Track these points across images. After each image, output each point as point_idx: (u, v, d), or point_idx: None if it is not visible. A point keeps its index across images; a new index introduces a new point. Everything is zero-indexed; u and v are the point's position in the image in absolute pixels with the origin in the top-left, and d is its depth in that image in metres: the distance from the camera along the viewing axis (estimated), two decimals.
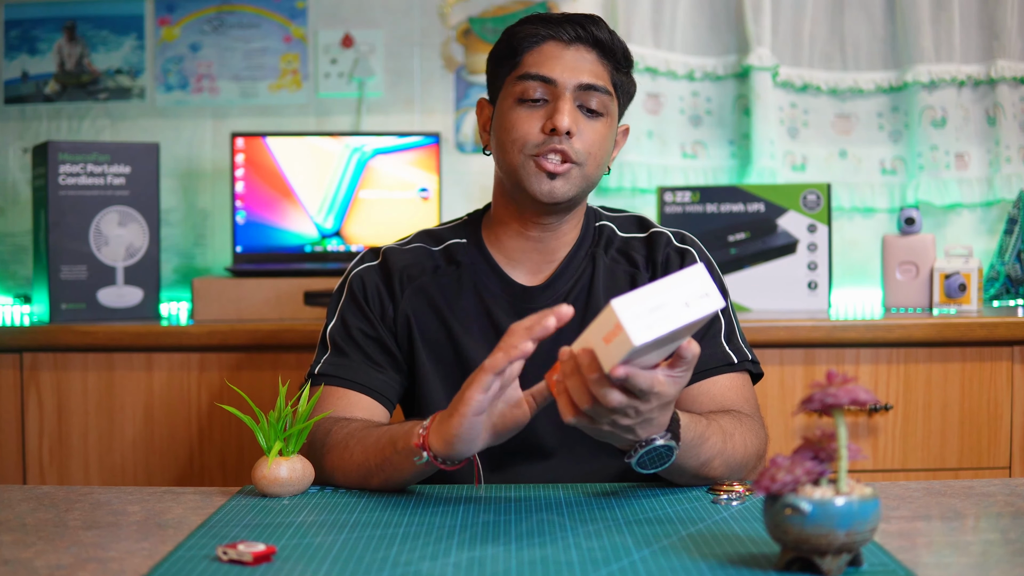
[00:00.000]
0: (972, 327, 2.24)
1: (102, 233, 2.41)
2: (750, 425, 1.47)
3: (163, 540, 1.18)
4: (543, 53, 1.53)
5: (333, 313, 1.62)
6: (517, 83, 1.53)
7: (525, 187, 1.52)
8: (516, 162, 1.52)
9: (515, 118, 1.52)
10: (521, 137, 1.51)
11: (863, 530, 1.00)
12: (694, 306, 1.10)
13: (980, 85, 2.79)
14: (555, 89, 1.51)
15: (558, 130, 1.48)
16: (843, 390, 1.00)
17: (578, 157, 1.50)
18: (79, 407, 2.29)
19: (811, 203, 2.51)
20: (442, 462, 1.29)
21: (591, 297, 1.58)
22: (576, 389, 1.18)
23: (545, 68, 1.52)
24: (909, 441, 2.27)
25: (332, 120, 2.87)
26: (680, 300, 1.10)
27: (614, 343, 1.10)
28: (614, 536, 1.18)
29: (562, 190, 1.51)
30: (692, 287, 1.11)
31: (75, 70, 2.87)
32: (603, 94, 1.52)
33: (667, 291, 1.10)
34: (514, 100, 1.53)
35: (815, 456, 1.02)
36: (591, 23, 1.54)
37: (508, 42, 1.57)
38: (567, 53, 1.52)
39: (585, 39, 1.53)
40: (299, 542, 1.16)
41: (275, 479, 1.36)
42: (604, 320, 1.11)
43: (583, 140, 1.51)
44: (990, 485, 1.40)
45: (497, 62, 1.59)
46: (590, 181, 1.54)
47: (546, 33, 1.53)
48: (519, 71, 1.53)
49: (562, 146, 1.49)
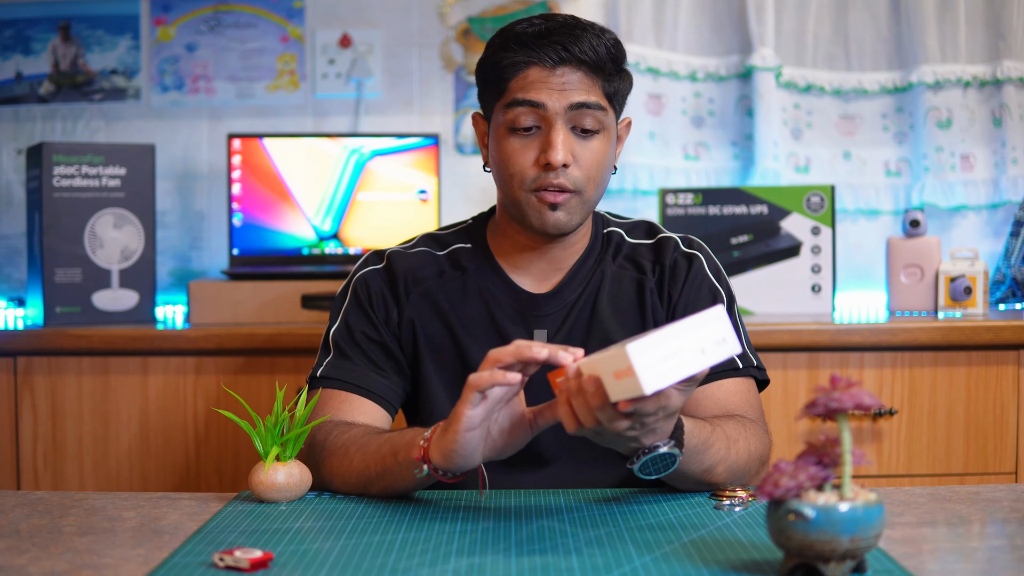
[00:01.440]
0: (978, 331, 2.24)
1: (97, 235, 2.41)
2: (754, 430, 1.47)
3: (159, 546, 1.18)
4: (528, 79, 1.49)
5: (336, 316, 1.62)
6: (507, 111, 1.50)
7: (529, 220, 1.52)
8: (517, 197, 1.51)
9: (509, 151, 1.51)
10: (519, 173, 1.50)
11: (867, 536, 1.00)
12: (710, 353, 1.09)
13: (986, 86, 2.80)
14: (545, 114, 1.48)
15: (552, 164, 1.47)
16: (847, 394, 1.00)
17: (577, 185, 1.49)
18: (74, 412, 2.29)
19: (815, 205, 2.51)
20: (443, 475, 1.29)
21: (597, 305, 1.58)
22: (581, 408, 1.18)
23: (532, 93, 1.48)
24: (914, 446, 2.27)
25: (330, 121, 2.87)
26: (696, 346, 1.09)
27: (624, 383, 1.09)
28: (615, 542, 1.18)
29: (565, 220, 1.51)
30: (710, 332, 1.09)
31: (70, 70, 2.87)
32: (596, 110, 1.50)
33: (684, 335, 1.08)
34: (506, 129, 1.51)
35: (819, 461, 1.02)
36: (572, 42, 1.48)
37: (493, 64, 1.53)
38: (552, 77, 1.48)
39: (568, 60, 1.48)
40: (296, 548, 1.16)
41: (272, 484, 1.36)
42: (616, 356, 1.10)
43: (580, 167, 1.50)
44: (996, 491, 1.40)
45: (483, 84, 1.56)
46: (593, 202, 1.54)
47: (528, 59, 1.49)
48: (506, 99, 1.51)
49: (559, 180, 1.48)
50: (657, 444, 1.25)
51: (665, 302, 1.59)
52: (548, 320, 1.57)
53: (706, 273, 1.61)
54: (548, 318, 1.57)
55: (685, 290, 1.59)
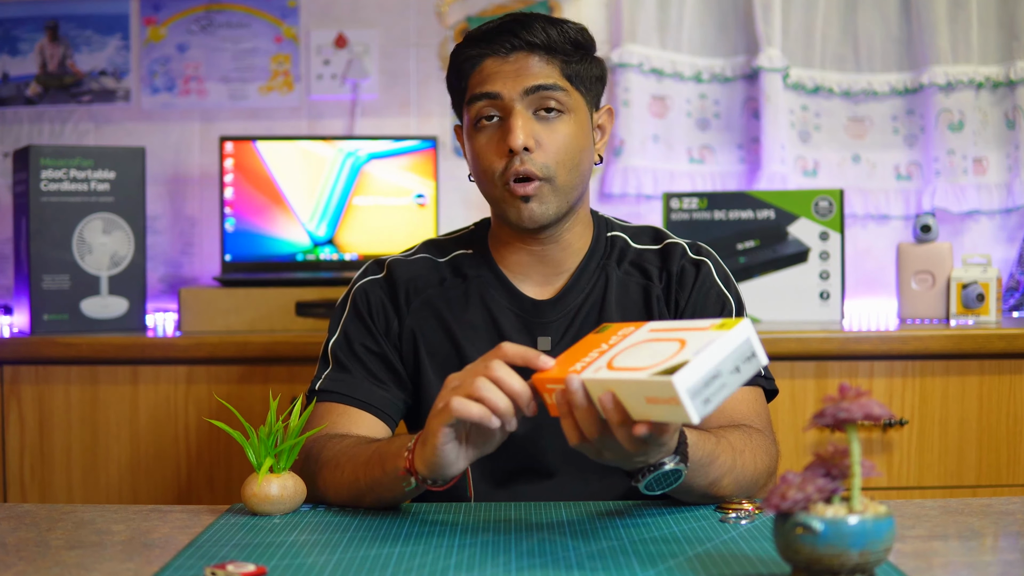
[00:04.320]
0: (991, 339, 2.25)
1: (86, 241, 2.41)
2: (760, 441, 1.47)
3: (149, 560, 1.18)
4: (484, 72, 1.53)
5: (336, 327, 1.63)
6: (469, 108, 1.55)
7: (507, 217, 1.54)
8: (493, 194, 1.55)
9: (477, 147, 1.54)
10: (488, 168, 1.53)
11: (877, 550, 1.00)
12: (744, 371, 1.10)
13: (999, 87, 2.80)
14: (503, 103, 1.51)
15: (514, 149, 1.49)
16: (856, 404, 1.00)
17: (544, 172, 1.51)
18: (62, 422, 2.29)
19: (823, 210, 2.51)
20: (431, 483, 1.30)
21: (603, 312, 1.59)
22: (585, 420, 1.18)
23: (487, 84, 1.52)
24: (925, 457, 2.27)
25: (325, 123, 2.87)
26: (731, 366, 1.09)
27: (662, 408, 1.09)
28: (618, 556, 1.18)
29: (539, 211, 1.52)
30: (742, 350, 1.10)
31: (58, 71, 2.87)
32: (556, 91, 1.52)
33: (719, 356, 1.08)
34: (471, 125, 1.55)
35: (827, 473, 1.02)
36: (523, 29, 1.52)
37: (453, 68, 1.58)
38: (506, 65, 1.52)
39: (520, 46, 1.52)
40: (290, 563, 1.16)
41: (266, 497, 1.36)
42: (652, 384, 1.09)
43: (544, 151, 1.51)
44: (1010, 503, 1.40)
45: (452, 90, 1.61)
46: (568, 189, 1.54)
47: (482, 52, 1.54)
48: (467, 96, 1.55)
49: (524, 166, 1.50)
50: (663, 461, 1.25)
51: (672, 309, 1.60)
52: (552, 327, 1.58)
53: (714, 280, 1.61)
54: (552, 325, 1.58)
55: (693, 297, 1.59)
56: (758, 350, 1.11)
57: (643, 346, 1.16)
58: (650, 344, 1.16)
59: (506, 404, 1.20)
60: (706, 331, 1.12)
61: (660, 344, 1.14)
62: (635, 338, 1.20)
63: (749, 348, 1.11)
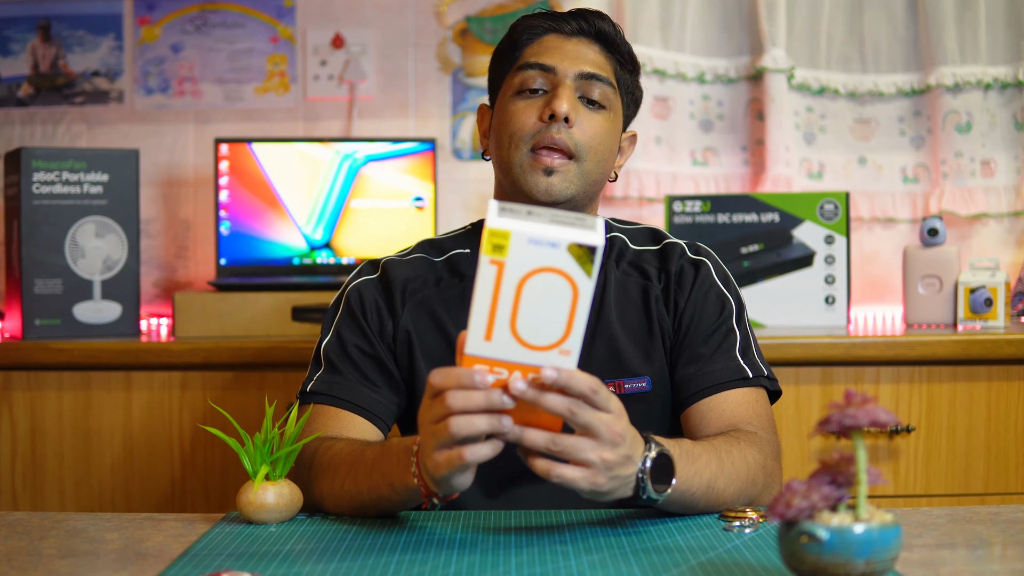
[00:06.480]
0: (999, 344, 2.25)
1: (78, 245, 2.42)
2: (749, 439, 1.45)
3: (142, 570, 1.18)
4: (543, 44, 1.59)
5: (328, 328, 1.62)
6: (516, 74, 1.58)
7: (521, 185, 1.55)
8: (513, 158, 1.55)
9: (513, 110, 1.57)
10: (519, 129, 1.55)
11: (883, 559, 1.00)
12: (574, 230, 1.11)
13: (1008, 88, 2.80)
14: (555, 78, 1.56)
15: (556, 115, 1.52)
16: (862, 411, 1.01)
17: (577, 150, 1.53)
18: (54, 429, 2.29)
19: (828, 213, 2.51)
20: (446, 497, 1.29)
21: (602, 312, 1.59)
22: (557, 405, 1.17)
23: (544, 57, 1.57)
24: (932, 465, 2.27)
25: (321, 125, 2.88)
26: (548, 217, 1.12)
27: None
28: (620, 565, 1.18)
29: (559, 187, 1.53)
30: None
31: (50, 72, 2.88)
32: (606, 85, 1.57)
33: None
34: (513, 92, 1.58)
35: (833, 481, 1.02)
36: (596, 16, 1.59)
37: (508, 38, 1.62)
38: (568, 44, 1.58)
39: (588, 32, 1.59)
40: (287, 572, 1.17)
41: (261, 505, 1.36)
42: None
43: (583, 130, 1.54)
44: (1018, 512, 1.40)
45: (498, 61, 1.64)
46: (590, 179, 1.56)
47: (547, 26, 1.60)
48: (518, 63, 1.58)
49: (560, 135, 1.52)
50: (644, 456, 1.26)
51: (671, 309, 1.60)
52: None
53: (714, 280, 1.62)
54: None
55: (692, 297, 1.60)
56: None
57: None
58: None
59: (489, 422, 1.18)
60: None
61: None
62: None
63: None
